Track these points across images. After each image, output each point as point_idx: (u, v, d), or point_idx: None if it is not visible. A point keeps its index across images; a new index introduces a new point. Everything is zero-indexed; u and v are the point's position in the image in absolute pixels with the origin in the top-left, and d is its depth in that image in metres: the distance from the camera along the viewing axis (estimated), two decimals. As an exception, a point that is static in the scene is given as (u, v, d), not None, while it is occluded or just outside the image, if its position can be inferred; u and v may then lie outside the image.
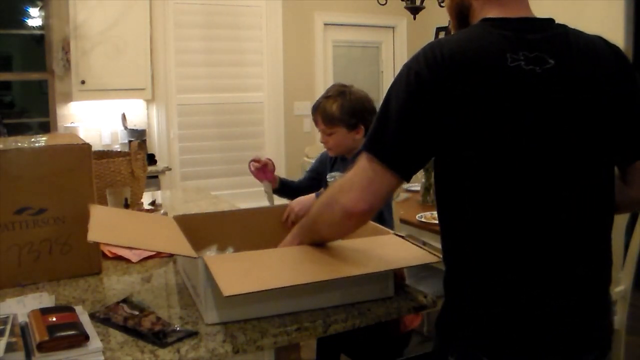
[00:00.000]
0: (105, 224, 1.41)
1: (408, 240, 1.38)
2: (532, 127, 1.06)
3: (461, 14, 1.22)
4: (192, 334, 1.16)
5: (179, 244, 1.35)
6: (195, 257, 1.28)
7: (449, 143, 1.08)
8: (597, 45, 1.13)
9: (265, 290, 1.14)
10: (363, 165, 1.10)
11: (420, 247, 1.33)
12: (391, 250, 1.35)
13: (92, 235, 1.26)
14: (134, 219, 1.63)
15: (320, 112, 2.00)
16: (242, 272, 1.21)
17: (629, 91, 1.13)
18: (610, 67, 1.12)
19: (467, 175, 1.10)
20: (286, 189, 2.29)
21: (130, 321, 1.21)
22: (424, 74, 1.06)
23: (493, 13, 1.14)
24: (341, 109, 1.95)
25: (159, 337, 1.15)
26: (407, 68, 1.09)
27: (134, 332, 1.18)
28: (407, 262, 1.30)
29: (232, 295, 1.07)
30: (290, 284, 1.17)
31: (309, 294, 1.27)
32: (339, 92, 2.02)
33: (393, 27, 5.80)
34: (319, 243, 1.32)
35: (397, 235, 1.43)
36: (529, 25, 1.12)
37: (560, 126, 1.07)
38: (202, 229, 1.68)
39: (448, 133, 1.07)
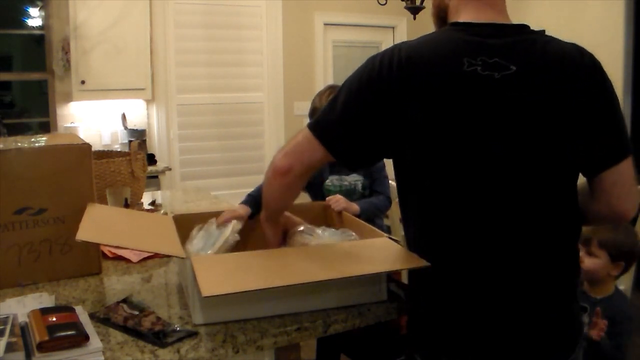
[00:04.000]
0: (98, 223, 1.41)
1: (400, 244, 1.38)
2: (486, 131, 1.06)
3: (440, 18, 1.24)
4: (192, 334, 1.16)
5: (170, 244, 1.35)
6: (183, 257, 1.28)
7: (398, 144, 1.10)
8: (568, 54, 1.11)
9: (246, 291, 1.13)
10: (301, 136, 1.19)
11: (412, 253, 1.33)
12: (381, 253, 1.34)
13: (81, 234, 1.27)
14: (130, 218, 1.63)
15: None
16: (226, 273, 1.20)
17: (597, 102, 1.10)
18: (579, 76, 1.09)
19: (418, 181, 1.11)
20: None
21: (130, 321, 1.21)
22: (376, 74, 1.11)
23: (464, 17, 1.15)
24: None
25: (159, 337, 1.15)
26: (365, 64, 1.15)
27: (134, 332, 1.18)
28: (396, 266, 1.29)
29: (211, 296, 1.07)
30: (273, 286, 1.16)
31: (298, 296, 1.26)
32: None
33: (393, 27, 5.80)
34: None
35: (390, 238, 1.43)
36: (495, 30, 1.11)
37: (517, 132, 1.06)
38: None
39: (395, 134, 1.09)
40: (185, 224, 1.58)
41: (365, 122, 1.11)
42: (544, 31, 1.18)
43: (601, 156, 1.12)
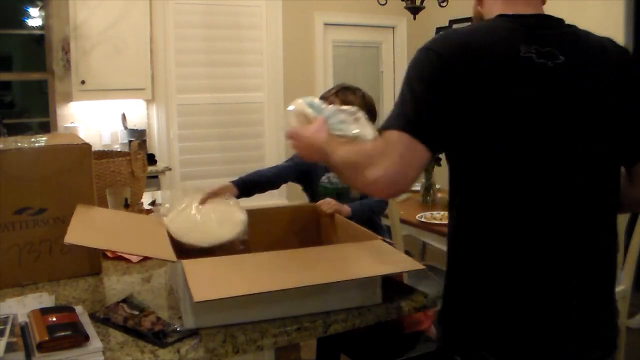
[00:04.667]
0: (87, 226, 1.40)
1: (395, 247, 1.37)
2: (541, 117, 1.08)
3: (479, 17, 1.26)
4: (192, 334, 1.16)
5: (160, 247, 1.34)
6: (173, 261, 1.27)
7: (465, 126, 1.09)
8: (607, 47, 1.16)
9: (238, 296, 1.12)
10: (393, 141, 1.08)
11: (406, 255, 1.32)
12: (376, 256, 1.33)
13: (70, 237, 1.26)
14: (119, 219, 1.61)
15: (340, 98, 2.00)
16: (218, 277, 1.19)
17: (637, 91, 1.15)
18: (618, 68, 1.14)
19: (474, 165, 1.12)
20: (253, 185, 2.01)
21: (130, 321, 1.21)
22: (444, 53, 1.08)
23: (510, 11, 1.17)
24: (362, 99, 2.00)
25: (159, 337, 1.14)
26: (426, 49, 1.11)
27: (134, 332, 1.18)
28: (391, 269, 1.29)
29: (203, 301, 1.06)
30: (265, 290, 1.15)
31: (291, 300, 1.24)
32: (356, 88, 2.06)
33: (393, 27, 5.80)
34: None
35: (385, 241, 1.42)
36: (542, 21, 1.15)
37: (567, 120, 1.09)
38: None
39: (464, 114, 1.08)
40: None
41: (449, 104, 1.07)
42: None
43: None
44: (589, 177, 1.11)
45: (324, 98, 2.06)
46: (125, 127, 4.62)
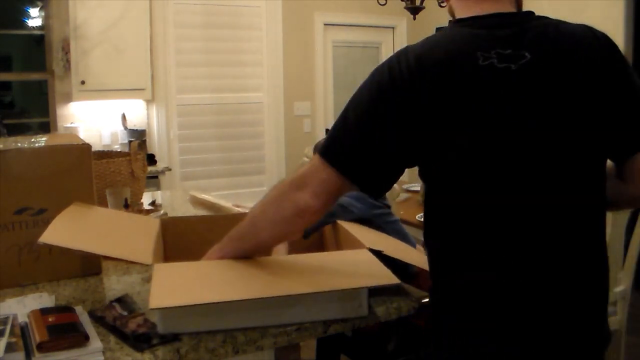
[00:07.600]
0: (70, 225, 1.38)
1: (380, 256, 1.33)
2: (511, 125, 1.02)
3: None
4: (174, 339, 1.12)
5: (140, 249, 1.31)
6: (147, 264, 1.25)
7: (421, 151, 1.06)
8: (580, 36, 1.07)
9: (204, 303, 1.10)
10: (316, 167, 1.12)
11: (386, 268, 1.27)
12: (358, 266, 1.30)
13: (46, 237, 1.24)
14: (111, 220, 1.59)
15: None
16: (186, 284, 1.16)
17: (619, 81, 1.05)
18: (596, 57, 1.05)
19: (449, 183, 1.07)
20: None
21: (118, 322, 1.20)
22: (386, 82, 1.05)
23: (468, 13, 1.11)
24: None
25: (141, 339, 1.12)
26: (372, 75, 1.09)
27: (120, 333, 1.16)
28: (365, 283, 1.24)
29: (162, 308, 1.05)
30: (228, 300, 1.11)
31: (264, 309, 1.19)
32: None
33: (393, 27, 5.80)
34: (246, 256, 1.28)
35: (371, 250, 1.37)
36: (502, 20, 1.08)
37: (542, 122, 1.02)
38: (193, 232, 1.65)
39: (417, 141, 1.04)
40: (176, 228, 1.57)
41: (384, 137, 1.05)
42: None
43: (632, 137, 1.07)
44: (570, 176, 1.04)
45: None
46: (125, 127, 4.63)
